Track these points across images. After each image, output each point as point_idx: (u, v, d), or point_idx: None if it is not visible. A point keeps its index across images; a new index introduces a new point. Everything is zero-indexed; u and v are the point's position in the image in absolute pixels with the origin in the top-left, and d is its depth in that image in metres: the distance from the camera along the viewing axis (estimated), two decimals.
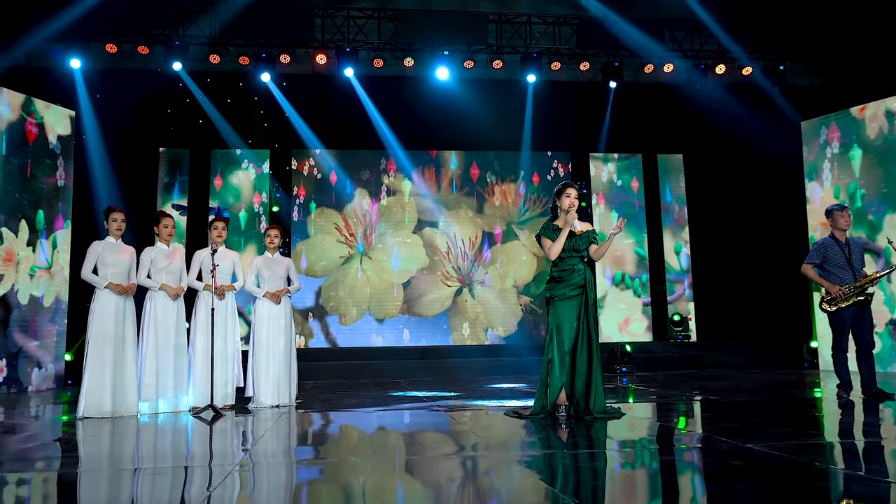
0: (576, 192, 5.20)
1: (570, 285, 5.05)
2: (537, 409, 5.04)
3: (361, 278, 11.72)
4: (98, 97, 10.66)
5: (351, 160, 11.97)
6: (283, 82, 11.31)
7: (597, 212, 12.28)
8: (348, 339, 11.53)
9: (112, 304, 5.79)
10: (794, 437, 3.91)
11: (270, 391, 6.28)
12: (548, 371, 5.02)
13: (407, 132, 11.66)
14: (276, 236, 6.60)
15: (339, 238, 11.79)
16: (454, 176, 12.16)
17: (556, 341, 5.01)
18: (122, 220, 6.02)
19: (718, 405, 5.78)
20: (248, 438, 4.58)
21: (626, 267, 12.21)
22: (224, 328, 6.32)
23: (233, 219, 11.49)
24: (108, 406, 5.67)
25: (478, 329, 11.81)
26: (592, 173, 12.37)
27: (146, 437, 4.76)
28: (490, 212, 12.17)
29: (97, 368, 5.67)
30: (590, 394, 4.96)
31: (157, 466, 3.59)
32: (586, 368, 5.00)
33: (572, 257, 5.14)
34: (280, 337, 6.39)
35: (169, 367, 6.01)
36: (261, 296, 6.44)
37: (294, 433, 4.85)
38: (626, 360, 10.29)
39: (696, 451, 3.72)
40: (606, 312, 12.01)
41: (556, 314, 5.05)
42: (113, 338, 5.75)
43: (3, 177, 8.68)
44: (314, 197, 11.82)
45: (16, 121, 8.92)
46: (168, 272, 6.13)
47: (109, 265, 5.87)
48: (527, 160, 12.26)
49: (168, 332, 6.04)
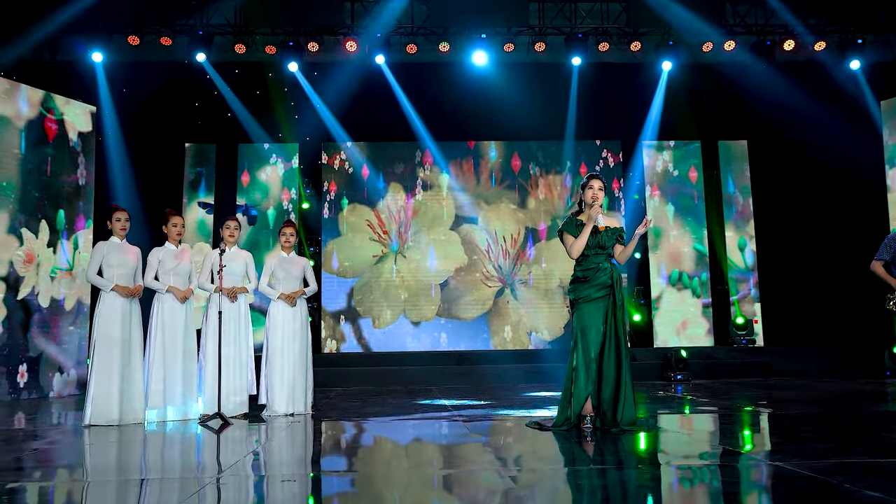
0: (600, 184, 5.10)
1: (595, 286, 4.96)
2: (560, 420, 4.96)
3: (396, 279, 11.77)
4: (124, 91, 10.99)
5: (384, 153, 12.04)
6: (311, 72, 11.45)
7: (651, 205, 12.03)
8: (382, 342, 11.60)
9: (118, 307, 5.94)
10: (835, 455, 3.74)
11: (284, 399, 6.34)
12: (572, 380, 4.94)
13: (443, 122, 11.65)
14: (291, 235, 6.66)
15: (371, 236, 11.87)
16: (494, 168, 12.09)
17: (582, 347, 4.92)
18: (125, 219, 6.16)
19: (769, 417, 5.58)
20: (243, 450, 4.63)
21: (684, 264, 11.93)
22: (237, 333, 6.42)
23: (261, 216, 11.70)
24: (116, 413, 5.82)
25: (520, 333, 11.73)
26: (646, 163, 12.13)
27: (145, 447, 4.87)
28: (533, 206, 12.06)
29: (104, 374, 5.83)
30: (618, 404, 4.86)
31: (125, 479, 3.67)
32: (614, 376, 4.90)
33: (598, 255, 5.04)
34: (294, 341, 6.44)
35: (177, 373, 6.13)
36: (275, 298, 6.51)
37: (295, 445, 4.89)
38: (681, 367, 10.07)
39: (710, 468, 3.59)
40: (662, 314, 11.76)
41: (581, 318, 4.96)
42: (119, 342, 5.90)
43: (22, 176, 9.03)
44: (346, 192, 11.93)
45: (35, 118, 9.26)
46: (176, 274, 6.26)
47: (115, 266, 6.01)
48: (573, 150, 12.11)
49: (176, 337, 6.16)
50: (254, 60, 11.30)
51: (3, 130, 8.90)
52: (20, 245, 8.94)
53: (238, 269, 6.52)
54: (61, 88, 9.68)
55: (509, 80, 11.33)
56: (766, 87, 11.05)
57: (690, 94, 11.74)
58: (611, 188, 12.11)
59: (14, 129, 9.02)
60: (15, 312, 8.82)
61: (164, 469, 4.04)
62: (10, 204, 8.88)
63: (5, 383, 8.73)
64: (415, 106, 11.62)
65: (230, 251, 6.56)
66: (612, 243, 5.06)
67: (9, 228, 8.83)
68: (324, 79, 11.48)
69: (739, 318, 11.61)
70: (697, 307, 11.83)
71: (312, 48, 11.19)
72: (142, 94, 10.93)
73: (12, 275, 8.81)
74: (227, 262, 6.44)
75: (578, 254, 5.02)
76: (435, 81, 11.44)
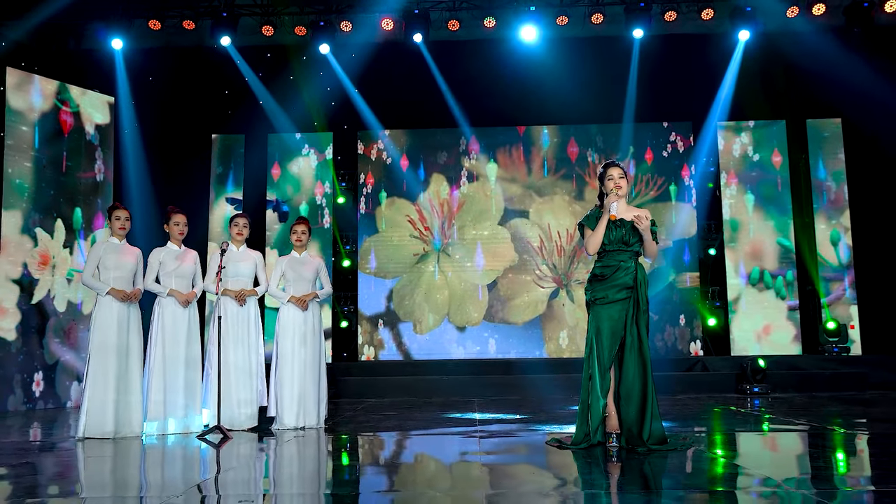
0: (619, 172, 4.97)
1: (615, 286, 4.83)
2: (578, 437, 4.86)
3: (439, 279, 11.73)
4: (150, 80, 11.25)
5: (425, 141, 12.01)
6: (344, 54, 11.48)
7: (727, 194, 11.63)
8: (424, 349, 11.57)
9: (115, 313, 6.05)
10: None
11: (294, 411, 6.35)
12: (588, 391, 4.82)
13: (490, 106, 11.55)
14: (303, 233, 6.68)
15: (412, 233, 11.85)
16: (547, 156, 11.91)
17: (597, 354, 4.81)
18: (126, 218, 6.28)
19: (843, 438, 5.28)
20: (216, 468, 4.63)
21: (767, 261, 11.49)
22: (245, 339, 6.46)
23: (292, 213, 11.79)
24: (111, 426, 5.92)
25: (578, 338, 11.52)
26: (721, 146, 11.74)
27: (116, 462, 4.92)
28: (592, 197, 11.81)
29: (99, 384, 5.95)
30: (644, 420, 4.72)
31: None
32: (640, 389, 4.76)
33: (621, 251, 4.89)
34: (304, 347, 6.44)
35: (178, 382, 6.21)
36: (285, 301, 6.52)
37: (282, 462, 4.87)
38: (758, 378, 9.71)
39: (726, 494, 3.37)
40: (740, 319, 11.36)
41: (597, 320, 4.85)
42: (116, 350, 6.01)
43: (35, 172, 9.34)
44: (384, 185, 11.93)
45: (49, 110, 9.57)
46: (178, 276, 6.33)
47: (111, 269, 6.12)
48: (637, 133, 11.85)
49: (178, 344, 6.24)
50: (282, 43, 11.41)
51: (16, 124, 9.22)
52: (34, 246, 9.25)
53: (246, 270, 6.56)
54: (77, 78, 9.97)
55: (563, 57, 11.15)
56: (863, 57, 10.53)
57: (772, 67, 11.31)
58: (680, 176, 11.76)
59: (27, 122, 9.33)
60: (30, 317, 9.13)
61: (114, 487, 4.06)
62: (24, 202, 9.20)
63: (20, 393, 9.04)
64: (458, 89, 11.55)
65: (238, 251, 6.63)
66: (637, 238, 4.89)
67: (22, 228, 9.14)
68: (358, 61, 11.49)
69: (831, 322, 11.10)
70: (782, 310, 11.38)
71: (345, 27, 11.22)
72: (164, 83, 11.17)
73: (26, 277, 9.12)
74: (235, 262, 6.50)
75: (595, 249, 4.91)
76: (480, 61, 11.34)
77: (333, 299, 11.67)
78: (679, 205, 11.74)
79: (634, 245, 4.90)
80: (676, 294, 11.57)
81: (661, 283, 11.56)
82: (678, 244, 11.64)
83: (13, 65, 9.30)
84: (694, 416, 7.13)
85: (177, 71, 11.24)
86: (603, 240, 4.90)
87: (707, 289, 11.68)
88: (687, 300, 11.57)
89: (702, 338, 11.46)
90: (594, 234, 4.89)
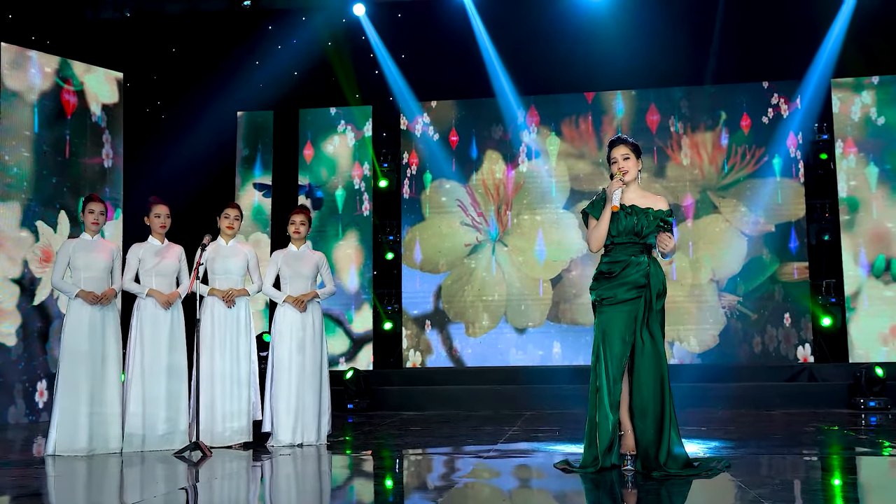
0: (625, 151, 4.83)
1: (624, 284, 4.74)
2: (587, 460, 4.79)
3: (495, 274, 11.68)
4: (173, 51, 11.57)
5: (477, 113, 11.96)
6: (383, 15, 11.52)
7: (843, 165, 11.13)
8: (478, 355, 11.57)
9: (86, 317, 6.23)
10: None
11: (290, 425, 6.45)
12: (596, 406, 4.74)
13: (551, 70, 11.42)
14: (301, 223, 6.77)
15: (463, 220, 11.83)
16: (622, 126, 11.68)
17: (605, 362, 4.73)
18: (100, 212, 6.43)
19: None
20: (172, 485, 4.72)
21: (894, 248, 10.95)
22: (234, 345, 6.57)
23: (327, 199, 11.93)
24: (84, 442, 6.11)
25: None
26: (836, 109, 11.25)
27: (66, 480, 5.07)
28: (676, 174, 11.55)
29: (69, 396, 6.12)
30: (662, 439, 4.61)
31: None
32: (658, 402, 4.65)
33: (632, 244, 4.79)
34: (303, 354, 6.53)
35: (159, 393, 6.34)
36: (280, 301, 6.60)
37: (239, 484, 4.92)
38: (876, 391, 9.34)
39: None
40: (860, 318, 10.89)
41: (603, 324, 4.78)
42: (88, 358, 6.19)
43: (35, 159, 9.74)
44: (429, 166, 11.92)
45: (49, 89, 9.96)
46: (158, 274, 6.47)
47: (81, 269, 6.31)
48: (731, 96, 11.51)
49: (158, 350, 6.38)
50: (313, 5, 11.51)
51: (12, 107, 9.64)
52: (35, 241, 9.65)
53: (236, 268, 6.66)
54: (80, 53, 10.31)
55: (636, 10, 10.99)
56: None
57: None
58: (784, 146, 11.30)
59: (25, 104, 9.74)
60: (31, 320, 9.55)
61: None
62: (23, 193, 9.61)
63: (21, 403, 9.47)
64: (514, 52, 11.44)
65: (227, 245, 6.73)
66: (651, 230, 4.75)
67: (22, 222, 9.56)
68: (399, 24, 11.55)
69: None
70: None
71: None
72: (180, 55, 11.44)
73: (27, 276, 9.54)
74: (224, 258, 6.62)
75: (598, 245, 4.86)
76: (538, 18, 11.22)
77: (375, 298, 11.76)
78: (783, 181, 11.30)
79: (648, 237, 4.77)
80: (780, 289, 11.15)
81: (760, 276, 11.18)
82: (782, 228, 11.21)
83: (8, 40, 9.69)
84: (768, 435, 6.86)
85: (195, 41, 11.50)
86: (610, 231, 4.80)
87: (819, 282, 11.21)
88: (794, 296, 11.14)
89: (812, 341, 11.01)
90: (598, 226, 4.81)
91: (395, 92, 11.88)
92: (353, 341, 11.71)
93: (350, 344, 11.72)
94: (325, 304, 11.55)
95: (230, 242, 6.74)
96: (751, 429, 7.33)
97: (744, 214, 11.31)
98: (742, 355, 11.14)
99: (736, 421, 8.12)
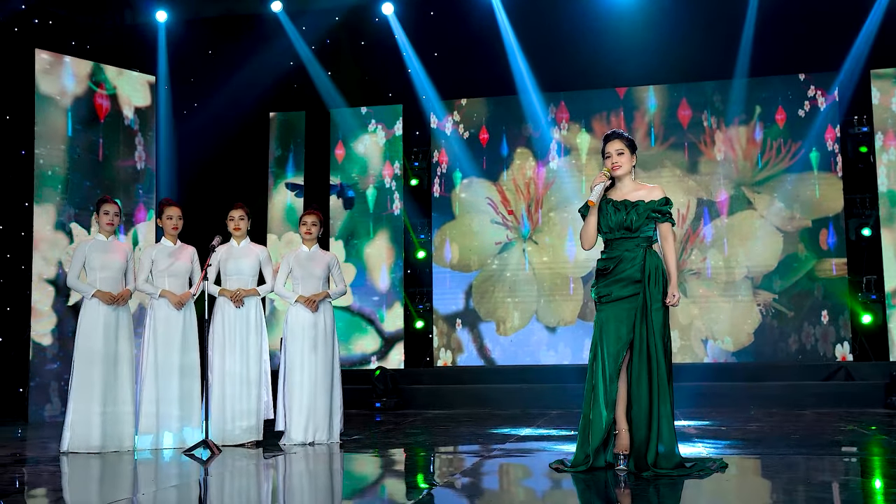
0: (619, 146, 4.78)
1: (619, 280, 4.68)
2: (578, 459, 4.73)
3: (527, 271, 11.58)
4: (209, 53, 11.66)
5: (506, 110, 11.84)
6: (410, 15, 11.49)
7: (884, 159, 10.74)
8: (510, 353, 11.50)
9: (101, 317, 6.29)
10: None
11: (303, 424, 6.44)
12: (591, 403, 4.68)
13: (581, 65, 11.28)
14: (312, 224, 6.76)
15: (493, 218, 11.75)
16: (654, 121, 11.48)
17: (601, 360, 4.66)
18: (114, 213, 6.53)
19: None
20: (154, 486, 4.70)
21: None
22: (244, 345, 6.58)
23: (359, 198, 11.91)
24: (98, 440, 6.17)
25: (693, 340, 11.06)
26: (876, 101, 10.88)
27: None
28: (709, 170, 11.31)
29: (83, 394, 6.20)
30: (650, 438, 4.54)
31: None
32: (648, 402, 4.57)
33: (627, 238, 4.71)
34: (315, 353, 6.51)
35: (172, 392, 6.39)
36: (292, 301, 6.59)
37: (241, 482, 4.90)
38: None
39: None
40: None
41: (601, 321, 4.72)
42: (102, 357, 6.25)
43: (69, 162, 9.86)
44: (459, 164, 11.84)
45: (83, 94, 10.07)
46: (171, 275, 6.51)
47: (97, 269, 6.36)
48: (765, 89, 11.23)
49: (171, 350, 6.42)
50: (342, 6, 11.50)
51: (46, 111, 9.76)
52: (70, 243, 9.77)
53: (247, 268, 6.67)
54: (114, 57, 10.42)
55: (666, 2, 10.80)
56: None
57: None
58: (822, 140, 10.96)
59: (58, 108, 9.86)
60: (66, 320, 9.66)
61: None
62: (57, 195, 9.74)
63: (57, 402, 9.58)
64: (543, 49, 11.29)
65: (239, 246, 6.75)
66: (642, 223, 4.66)
67: (56, 224, 9.69)
68: (427, 23, 11.53)
69: None
70: None
71: None
72: (213, 58, 11.52)
73: (62, 277, 9.64)
74: (235, 258, 6.66)
75: (589, 244, 4.85)
76: (566, 14, 11.08)
77: (406, 298, 11.71)
78: (821, 175, 10.97)
79: (644, 230, 4.68)
80: (819, 286, 10.81)
81: (796, 273, 10.87)
82: (818, 224, 10.89)
83: (43, 46, 9.82)
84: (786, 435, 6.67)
85: (228, 44, 11.56)
86: (602, 227, 4.74)
87: (859, 279, 10.85)
88: (832, 293, 10.81)
89: (851, 339, 10.66)
90: (585, 225, 4.81)
91: (425, 90, 11.81)
92: (385, 340, 11.66)
93: (381, 343, 11.67)
94: (356, 303, 11.66)
95: (242, 243, 6.76)
96: (771, 429, 7.12)
97: (780, 210, 11.00)
98: (779, 352, 10.85)
99: (762, 420, 7.93)
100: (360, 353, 11.69)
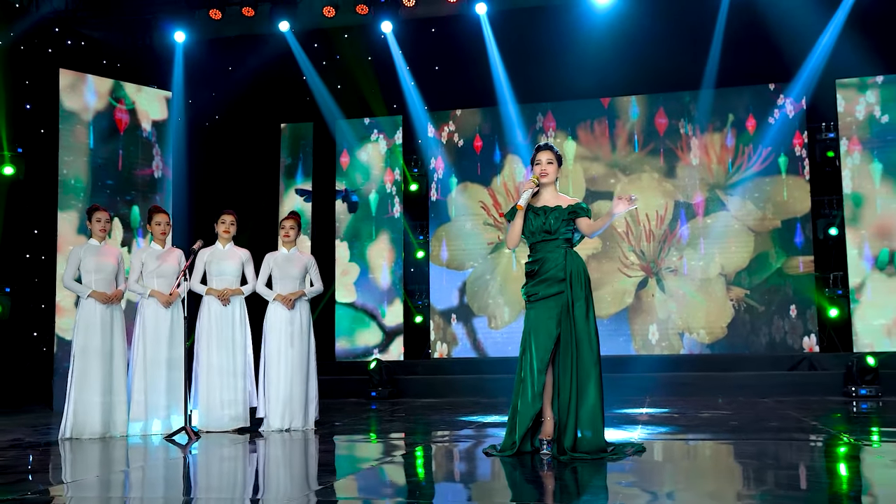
0: (549, 156, 5.08)
1: (545, 280, 4.98)
2: (506, 444, 5.05)
3: (516, 270, 11.97)
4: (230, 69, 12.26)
5: (498, 119, 12.26)
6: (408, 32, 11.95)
7: (848, 163, 11.09)
8: (500, 346, 11.89)
9: (97, 315, 6.84)
10: None
11: (280, 412, 6.92)
12: (519, 394, 5.00)
13: (567, 77, 11.58)
14: (291, 228, 7.19)
15: (486, 220, 12.19)
16: (635, 129, 11.85)
17: (529, 355, 4.97)
18: (106, 220, 7.07)
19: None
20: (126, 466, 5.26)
21: None
22: (230, 340, 7.06)
23: (362, 202, 12.47)
24: (98, 426, 6.73)
25: (670, 333, 11.43)
26: (841, 108, 11.20)
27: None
28: (685, 174, 11.67)
29: (83, 386, 6.73)
30: (568, 425, 4.84)
31: None
32: (569, 392, 4.87)
33: (547, 241, 5.03)
34: (292, 347, 6.98)
35: (160, 383, 6.92)
36: (271, 299, 7.09)
37: (216, 464, 5.44)
38: (868, 379, 9.38)
39: None
40: (864, 309, 10.85)
41: (530, 320, 5.02)
42: (100, 352, 6.80)
43: (91, 171, 10.53)
44: (454, 170, 12.33)
45: (104, 109, 10.74)
46: (160, 276, 7.04)
47: (92, 272, 6.91)
48: (738, 98, 11.57)
49: (159, 345, 6.95)
50: (345, 25, 12.03)
51: (70, 125, 10.44)
52: None
53: (231, 269, 7.13)
54: (132, 75, 11.07)
55: (647, 17, 11.09)
56: None
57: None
58: (790, 146, 11.34)
59: (81, 123, 10.54)
60: None
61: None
62: (80, 202, 10.39)
63: None
64: (531, 62, 11.70)
65: (223, 249, 7.21)
66: (559, 226, 4.99)
67: (79, 228, 10.33)
68: (422, 39, 11.97)
69: None
70: None
71: (409, 3, 11.69)
72: (226, 74, 12.12)
73: None
74: (219, 260, 7.11)
75: (513, 243, 5.13)
76: (554, 28, 11.45)
77: (406, 294, 12.24)
78: (790, 178, 11.33)
79: (562, 233, 4.99)
80: (788, 282, 11.20)
81: (767, 270, 11.25)
82: (787, 224, 11.26)
83: (67, 66, 10.51)
84: (724, 421, 7.02)
85: (239, 61, 12.15)
86: (525, 232, 5.07)
87: (826, 275, 11.23)
88: (800, 288, 11.18)
89: (818, 332, 11.04)
90: (511, 226, 5.08)
91: (423, 102, 12.28)
92: (386, 334, 12.21)
93: (383, 336, 12.22)
94: (360, 300, 12.21)
95: (227, 246, 7.19)
96: (721, 416, 7.36)
97: (751, 211, 11.39)
98: (750, 344, 11.21)
99: (721, 409, 8.13)
100: (363, 346, 12.26)
